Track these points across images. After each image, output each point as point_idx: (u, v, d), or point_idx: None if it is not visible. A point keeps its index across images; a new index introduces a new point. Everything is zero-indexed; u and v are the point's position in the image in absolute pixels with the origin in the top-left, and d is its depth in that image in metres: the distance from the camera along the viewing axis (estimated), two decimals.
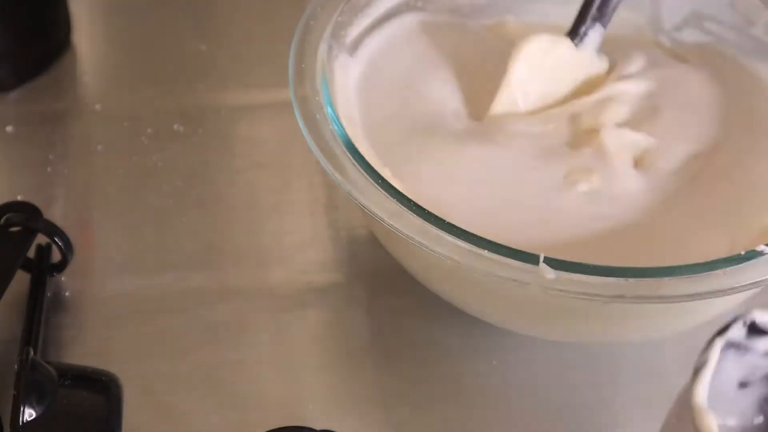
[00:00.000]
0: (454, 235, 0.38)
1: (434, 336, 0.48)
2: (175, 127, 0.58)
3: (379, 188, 0.40)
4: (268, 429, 0.40)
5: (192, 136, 0.58)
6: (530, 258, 0.37)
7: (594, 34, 0.48)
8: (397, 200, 0.40)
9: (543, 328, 0.45)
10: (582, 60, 0.48)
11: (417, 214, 0.39)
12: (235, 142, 0.58)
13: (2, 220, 0.48)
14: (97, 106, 0.59)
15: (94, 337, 0.48)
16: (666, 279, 0.37)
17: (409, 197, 0.40)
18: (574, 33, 0.48)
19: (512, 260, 0.38)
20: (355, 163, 0.41)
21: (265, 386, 0.46)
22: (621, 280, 0.37)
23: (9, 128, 0.57)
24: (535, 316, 0.43)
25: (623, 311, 0.40)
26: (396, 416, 0.46)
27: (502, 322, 0.45)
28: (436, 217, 0.39)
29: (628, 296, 0.37)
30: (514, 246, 0.38)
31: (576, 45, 0.48)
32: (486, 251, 0.38)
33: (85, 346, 0.47)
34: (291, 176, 0.56)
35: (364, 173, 0.41)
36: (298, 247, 0.52)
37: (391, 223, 0.39)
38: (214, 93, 0.60)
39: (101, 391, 0.42)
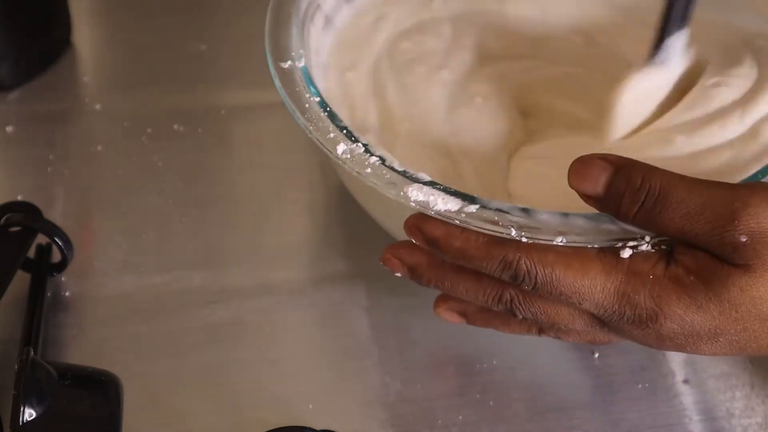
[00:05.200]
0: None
1: (434, 336, 0.48)
2: (175, 127, 0.58)
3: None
4: (268, 429, 0.40)
5: (192, 136, 0.58)
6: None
7: (678, 41, 0.45)
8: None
9: None
10: (673, 76, 0.47)
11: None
12: (235, 142, 0.58)
13: (2, 220, 0.48)
14: (97, 106, 0.59)
15: (94, 337, 0.48)
16: None
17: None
18: (660, 47, 0.45)
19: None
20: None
21: (265, 386, 0.46)
22: None
23: (9, 128, 0.58)
24: None
25: None
26: (396, 416, 0.46)
27: None
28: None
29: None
30: None
31: (664, 59, 0.46)
32: None
33: (85, 346, 0.47)
34: (291, 176, 0.56)
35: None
36: (298, 247, 0.52)
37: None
38: (214, 93, 0.60)
39: (101, 391, 0.42)
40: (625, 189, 0.36)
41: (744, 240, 0.35)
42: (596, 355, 0.48)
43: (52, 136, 0.57)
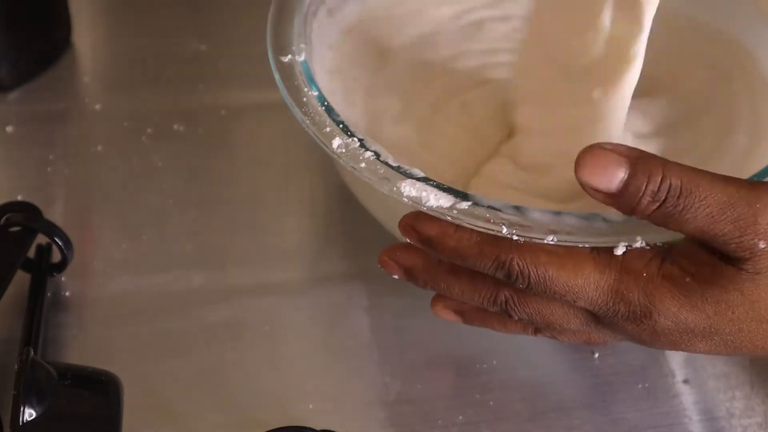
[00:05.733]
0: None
1: (434, 336, 0.48)
2: (175, 127, 0.58)
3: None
4: (268, 429, 0.40)
5: (192, 136, 0.58)
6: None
7: None
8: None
9: None
10: None
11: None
12: (235, 142, 0.58)
13: (2, 220, 0.48)
14: (97, 106, 0.59)
15: (94, 337, 0.48)
16: None
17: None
18: None
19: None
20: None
21: (265, 386, 0.46)
22: None
23: (9, 128, 0.58)
24: None
25: None
26: (396, 416, 0.46)
27: None
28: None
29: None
30: None
31: None
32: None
33: (85, 346, 0.47)
34: (291, 176, 0.56)
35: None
36: (298, 247, 0.52)
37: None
38: (214, 93, 0.60)
39: (101, 391, 0.42)
40: (645, 187, 0.34)
41: (763, 246, 0.34)
42: (596, 355, 0.48)
43: (52, 136, 0.57)
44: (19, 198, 0.53)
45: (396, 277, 0.42)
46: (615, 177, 0.35)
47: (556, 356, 0.48)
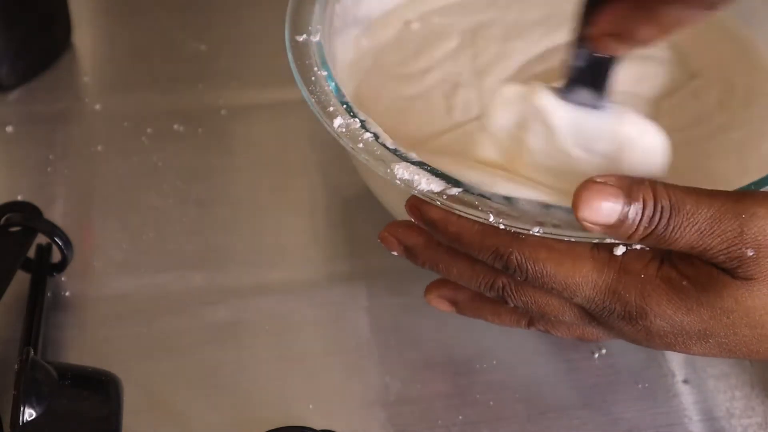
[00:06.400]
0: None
1: (434, 336, 0.48)
2: (175, 127, 0.58)
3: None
4: (268, 429, 0.40)
5: (192, 136, 0.58)
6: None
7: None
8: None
9: None
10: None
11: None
12: (235, 142, 0.58)
13: (2, 220, 0.48)
14: (97, 106, 0.59)
15: (94, 337, 0.48)
16: None
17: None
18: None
19: None
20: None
21: (265, 386, 0.46)
22: None
23: (9, 128, 0.58)
24: None
25: None
26: (396, 416, 0.46)
27: None
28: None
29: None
30: None
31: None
32: None
33: (85, 346, 0.47)
34: (291, 176, 0.56)
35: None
36: (298, 247, 0.52)
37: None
38: (214, 93, 0.60)
39: (101, 391, 0.42)
40: (642, 214, 0.35)
41: (751, 254, 0.34)
42: (596, 355, 0.48)
43: (52, 136, 0.57)
44: (19, 198, 0.53)
45: (395, 253, 0.42)
46: (613, 211, 0.35)
47: (556, 356, 0.48)
